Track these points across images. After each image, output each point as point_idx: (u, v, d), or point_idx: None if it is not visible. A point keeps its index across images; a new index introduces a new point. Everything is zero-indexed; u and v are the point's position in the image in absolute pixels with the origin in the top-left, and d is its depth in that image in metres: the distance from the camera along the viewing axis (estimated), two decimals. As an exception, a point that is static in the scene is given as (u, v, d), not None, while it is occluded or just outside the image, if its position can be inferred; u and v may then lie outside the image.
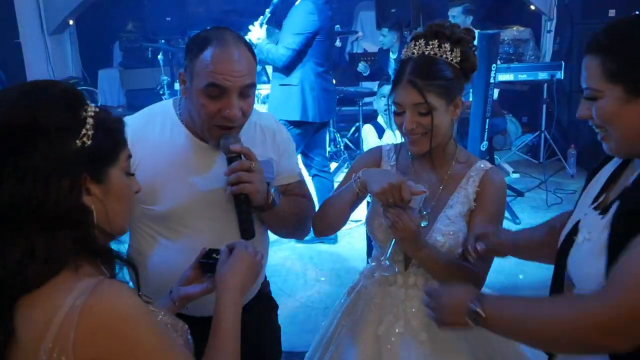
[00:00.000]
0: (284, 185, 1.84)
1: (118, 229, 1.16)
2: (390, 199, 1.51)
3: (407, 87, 1.60)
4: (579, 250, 1.29)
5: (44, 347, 0.95)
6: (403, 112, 1.64)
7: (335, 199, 1.73)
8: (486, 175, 1.72)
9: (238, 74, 1.56)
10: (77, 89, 1.12)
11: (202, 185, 1.68)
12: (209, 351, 1.19)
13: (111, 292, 1.00)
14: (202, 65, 1.56)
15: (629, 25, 1.23)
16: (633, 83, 1.18)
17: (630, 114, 1.19)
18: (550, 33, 6.74)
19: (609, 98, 1.20)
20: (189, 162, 1.68)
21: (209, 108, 1.57)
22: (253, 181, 1.58)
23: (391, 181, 1.52)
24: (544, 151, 6.41)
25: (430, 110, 1.60)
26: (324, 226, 1.80)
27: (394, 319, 1.71)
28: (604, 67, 1.20)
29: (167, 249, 1.70)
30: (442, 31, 1.62)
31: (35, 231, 1.00)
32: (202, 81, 1.56)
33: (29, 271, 0.98)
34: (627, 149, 1.26)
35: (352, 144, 6.49)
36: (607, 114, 1.22)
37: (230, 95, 1.56)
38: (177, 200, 1.66)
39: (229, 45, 1.57)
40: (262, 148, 1.76)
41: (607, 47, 1.21)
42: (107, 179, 1.09)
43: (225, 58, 1.55)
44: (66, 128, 1.03)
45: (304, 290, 3.94)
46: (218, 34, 1.60)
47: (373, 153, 1.86)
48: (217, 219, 1.69)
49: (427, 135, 1.64)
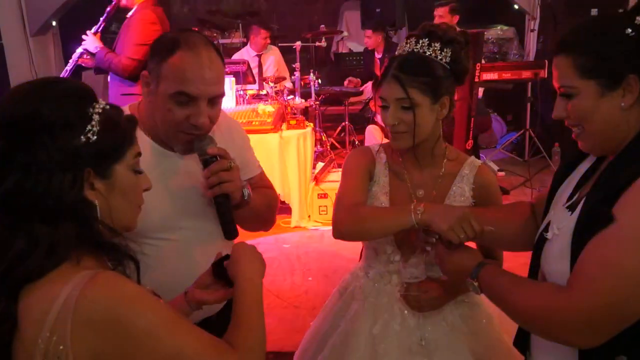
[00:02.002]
0: (248, 179, 1.81)
1: (124, 225, 1.17)
2: (462, 235, 1.46)
3: (391, 81, 1.61)
4: (550, 247, 1.32)
5: (42, 337, 0.97)
6: (387, 106, 1.64)
7: (382, 219, 1.62)
8: (480, 173, 1.74)
9: (209, 82, 1.50)
10: (87, 87, 1.14)
11: (172, 194, 1.63)
12: (231, 332, 1.16)
13: (106, 282, 1.02)
14: (170, 70, 1.49)
15: (595, 22, 1.27)
16: (606, 77, 1.21)
17: (605, 108, 1.22)
18: (534, 32, 6.79)
19: (584, 94, 1.23)
20: (155, 172, 1.56)
21: (176, 114, 1.51)
22: (233, 179, 1.55)
23: (457, 215, 1.48)
24: (529, 149, 6.46)
25: (412, 106, 1.60)
26: (353, 235, 1.73)
27: (389, 318, 1.71)
28: (575, 64, 1.23)
29: (142, 262, 1.63)
30: (434, 31, 1.63)
31: (39, 222, 1.03)
32: (171, 87, 1.49)
33: (32, 261, 1.01)
34: (602, 146, 1.28)
35: (338, 144, 6.50)
36: (583, 110, 1.25)
37: (200, 104, 1.50)
38: (152, 213, 1.52)
39: (199, 50, 1.50)
40: (225, 147, 1.70)
41: (576, 44, 1.24)
42: (112, 175, 1.11)
43: (195, 64, 1.49)
44: (71, 123, 1.05)
45: (291, 290, 3.93)
46: (187, 37, 1.53)
47: (365, 153, 1.83)
48: (188, 228, 1.66)
49: (409, 132, 1.63)
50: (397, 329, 1.69)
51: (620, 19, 1.23)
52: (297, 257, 4.43)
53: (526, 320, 1.28)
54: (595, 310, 1.12)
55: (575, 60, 1.23)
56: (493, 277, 1.37)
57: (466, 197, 1.72)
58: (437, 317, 1.70)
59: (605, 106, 1.22)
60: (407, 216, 1.53)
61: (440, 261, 1.53)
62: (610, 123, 1.23)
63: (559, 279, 1.25)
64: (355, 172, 1.77)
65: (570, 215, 1.28)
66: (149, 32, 4.01)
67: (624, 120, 1.23)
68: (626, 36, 1.19)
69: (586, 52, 1.22)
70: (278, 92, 5.44)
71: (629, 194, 1.13)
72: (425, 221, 1.51)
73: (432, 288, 1.67)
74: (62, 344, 0.96)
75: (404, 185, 1.76)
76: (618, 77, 1.20)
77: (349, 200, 1.70)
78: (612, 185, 1.17)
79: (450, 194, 1.73)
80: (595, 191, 1.23)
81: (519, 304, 1.27)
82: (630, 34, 1.19)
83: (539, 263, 1.38)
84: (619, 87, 1.21)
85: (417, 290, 1.67)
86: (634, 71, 1.19)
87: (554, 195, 1.42)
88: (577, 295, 1.14)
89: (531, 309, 1.23)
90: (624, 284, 1.10)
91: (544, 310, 1.20)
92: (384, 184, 1.76)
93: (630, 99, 1.20)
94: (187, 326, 1.08)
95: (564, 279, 1.22)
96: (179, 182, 1.63)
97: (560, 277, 1.23)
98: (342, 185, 1.76)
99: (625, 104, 1.21)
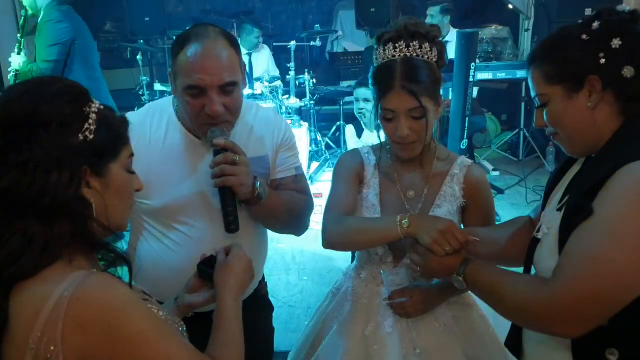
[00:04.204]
0: (278, 179, 1.82)
1: (117, 224, 1.18)
2: (446, 247, 1.45)
3: (401, 93, 1.57)
4: (541, 246, 1.37)
5: (33, 337, 0.97)
6: (393, 117, 1.61)
7: (369, 232, 1.63)
8: (470, 172, 1.73)
9: (212, 72, 1.54)
10: (82, 86, 1.15)
11: (194, 182, 1.69)
12: (213, 347, 1.21)
13: (100, 284, 1.02)
14: (180, 66, 1.56)
15: (557, 33, 1.35)
16: (569, 80, 1.29)
17: (574, 109, 1.30)
18: (528, 32, 6.80)
19: (553, 100, 1.32)
20: (182, 159, 1.69)
21: (192, 106, 1.57)
22: (237, 174, 1.57)
23: (439, 228, 1.47)
24: (524, 149, 6.48)
25: (425, 114, 1.58)
26: (341, 246, 1.78)
27: (382, 319, 1.70)
28: (543, 73, 1.33)
29: (159, 243, 1.71)
30: (419, 31, 1.60)
31: (34, 221, 1.03)
32: (183, 82, 1.56)
33: (26, 259, 1.01)
34: (581, 147, 1.35)
35: (333, 144, 6.50)
36: (555, 115, 1.33)
37: (209, 93, 1.55)
38: (170, 196, 1.67)
39: (206, 41, 1.55)
40: (259, 143, 1.76)
41: (542, 55, 1.35)
42: (108, 173, 1.13)
43: (200, 56, 1.54)
44: (68, 122, 1.06)
45: (286, 290, 3.94)
46: (199, 30, 1.58)
47: (354, 157, 1.83)
48: (208, 215, 1.70)
49: (419, 140, 1.62)
50: (389, 330, 1.68)
51: (579, 26, 1.30)
52: (292, 256, 4.42)
53: (512, 312, 1.31)
54: (578, 301, 1.14)
55: (542, 70, 1.33)
56: (478, 272, 1.41)
57: (457, 196, 1.71)
58: (429, 319, 1.70)
59: (574, 108, 1.30)
60: (394, 229, 1.54)
61: (423, 263, 1.50)
62: (581, 123, 1.30)
63: (549, 275, 1.26)
64: (344, 178, 1.78)
65: (557, 214, 1.32)
66: (58, 32, 4.00)
67: (594, 119, 1.28)
68: (582, 41, 1.28)
69: (550, 60, 1.32)
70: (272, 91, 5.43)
71: (607, 188, 1.17)
72: (410, 234, 1.53)
73: (416, 293, 1.66)
74: (54, 345, 0.96)
75: (395, 186, 1.75)
76: (580, 79, 1.28)
77: (337, 209, 1.71)
78: (592, 180, 1.21)
79: (441, 194, 1.72)
80: (577, 187, 1.29)
81: (505, 296, 1.30)
82: (586, 39, 1.27)
83: (531, 264, 1.42)
84: (582, 88, 1.28)
85: (400, 297, 1.67)
86: (594, 72, 1.26)
87: (548, 202, 1.46)
88: (560, 287, 1.17)
89: (517, 301, 1.26)
90: (603, 275, 1.12)
91: (529, 302, 1.22)
92: (375, 186, 1.76)
93: (596, 98, 1.28)
94: (175, 337, 1.11)
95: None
96: (206, 170, 1.66)
97: (551, 274, 1.25)
98: (331, 192, 1.78)
99: (592, 104, 1.27)
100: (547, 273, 1.28)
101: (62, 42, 4.01)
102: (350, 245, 1.76)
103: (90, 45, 4.41)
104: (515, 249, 1.56)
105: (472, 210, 1.74)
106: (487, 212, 1.76)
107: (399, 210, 1.69)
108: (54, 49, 3.98)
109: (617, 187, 1.15)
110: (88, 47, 4.29)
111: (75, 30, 4.09)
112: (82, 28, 4.24)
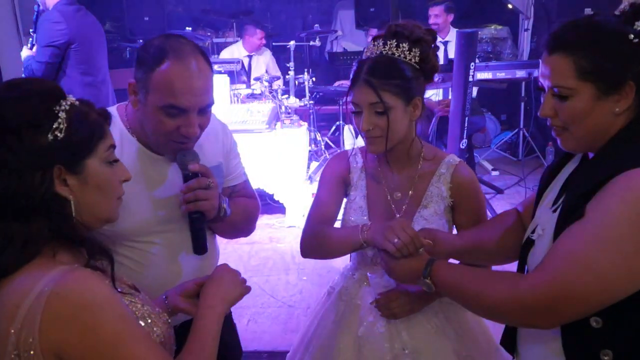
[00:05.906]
0: (231, 187, 1.81)
1: (104, 217, 1.19)
2: (394, 239, 1.46)
3: (363, 86, 1.59)
4: (535, 246, 1.35)
5: (14, 328, 1.00)
6: (360, 111, 1.62)
7: (336, 242, 1.68)
8: (457, 171, 1.71)
9: (198, 93, 1.47)
10: (54, 85, 1.15)
11: (157, 199, 1.61)
12: (183, 356, 1.20)
13: (79, 280, 1.04)
14: (158, 82, 1.45)
15: (596, 24, 1.22)
16: (605, 81, 1.19)
17: (600, 111, 1.21)
18: (528, 31, 6.80)
19: (581, 96, 1.21)
20: (142, 176, 1.59)
21: (167, 125, 1.48)
22: (209, 198, 1.55)
23: (389, 224, 1.50)
24: (523, 148, 6.48)
25: (386, 110, 1.58)
26: (316, 254, 1.83)
27: (374, 320, 1.70)
28: (575, 65, 1.20)
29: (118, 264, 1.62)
30: (401, 31, 1.60)
31: (13, 220, 1.05)
32: (160, 100, 1.45)
33: (6, 256, 1.04)
34: (587, 146, 1.29)
35: (332, 143, 6.49)
36: (576, 113, 1.22)
37: (190, 115, 1.48)
38: (134, 216, 1.56)
39: (188, 60, 1.46)
40: (212, 151, 1.72)
41: (577, 44, 1.20)
42: (84, 169, 1.13)
43: (184, 76, 1.45)
44: (36, 123, 1.07)
45: (285, 290, 3.93)
46: (174, 45, 1.47)
47: (340, 161, 1.83)
48: (172, 231, 1.64)
49: (384, 136, 1.61)
50: (381, 331, 1.68)
51: (620, 22, 1.21)
52: (291, 256, 4.42)
53: (490, 309, 1.29)
54: (556, 297, 1.14)
55: (573, 61, 1.20)
56: (447, 272, 1.39)
57: (444, 196, 1.70)
58: (421, 319, 1.70)
59: (600, 110, 1.21)
60: (355, 237, 1.59)
61: (387, 268, 1.52)
62: (600, 126, 1.23)
63: None
64: (327, 184, 1.79)
65: (552, 214, 1.30)
66: (54, 33, 3.90)
67: (612, 124, 1.22)
68: (629, 42, 1.18)
69: (587, 54, 1.19)
70: (272, 91, 5.43)
71: (602, 192, 1.15)
72: (368, 240, 1.57)
73: (402, 295, 1.66)
74: (32, 337, 0.99)
75: (381, 188, 1.75)
76: (617, 83, 1.19)
77: (316, 218, 1.75)
78: (589, 184, 1.18)
79: (427, 194, 1.71)
80: (574, 187, 1.25)
81: (483, 293, 1.27)
82: (633, 40, 1.17)
83: (525, 265, 1.40)
84: (615, 92, 1.19)
85: (386, 299, 1.67)
86: (633, 78, 1.18)
87: (541, 198, 1.43)
88: (540, 281, 1.16)
89: (496, 298, 1.24)
90: (584, 274, 1.12)
91: (508, 297, 1.21)
92: (362, 188, 1.76)
93: (624, 105, 1.20)
94: (149, 342, 1.10)
95: None
96: (166, 186, 1.62)
97: None
98: (314, 200, 1.81)
99: (619, 110, 1.20)
100: None
101: (56, 44, 3.89)
102: (324, 254, 1.80)
103: (95, 47, 4.20)
104: (507, 248, 1.54)
105: (461, 209, 1.72)
106: (477, 212, 1.73)
107: (385, 212, 1.71)
108: (47, 50, 3.88)
109: (612, 194, 1.13)
110: (90, 51, 4.11)
111: (73, 33, 3.93)
112: (85, 30, 4.07)
